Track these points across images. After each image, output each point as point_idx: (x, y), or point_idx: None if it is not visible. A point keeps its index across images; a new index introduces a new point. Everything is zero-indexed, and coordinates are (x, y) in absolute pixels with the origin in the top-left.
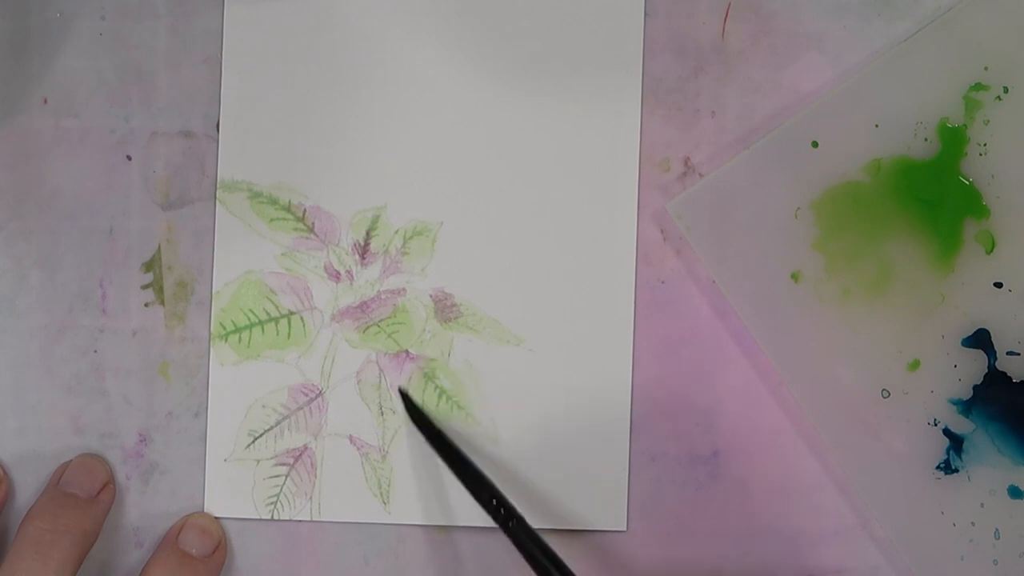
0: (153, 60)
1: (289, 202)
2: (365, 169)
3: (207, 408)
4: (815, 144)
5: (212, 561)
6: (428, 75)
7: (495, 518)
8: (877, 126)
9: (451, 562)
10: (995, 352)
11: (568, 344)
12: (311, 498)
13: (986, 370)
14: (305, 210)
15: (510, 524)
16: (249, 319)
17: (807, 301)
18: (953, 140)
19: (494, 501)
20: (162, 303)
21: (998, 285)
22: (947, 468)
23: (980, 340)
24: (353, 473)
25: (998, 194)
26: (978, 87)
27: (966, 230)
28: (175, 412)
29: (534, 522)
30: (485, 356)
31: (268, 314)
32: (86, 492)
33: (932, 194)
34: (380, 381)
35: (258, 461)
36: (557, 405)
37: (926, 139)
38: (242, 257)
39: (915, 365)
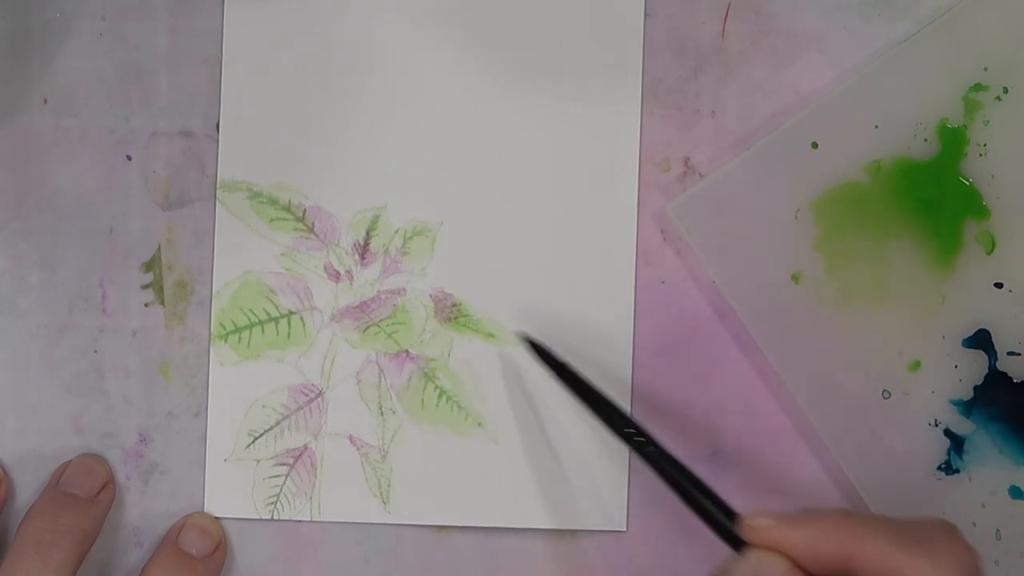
0: (153, 60)
1: (289, 202)
2: (365, 169)
3: (207, 408)
4: (815, 145)
5: (212, 561)
6: (428, 75)
7: (631, 444)
8: (877, 127)
9: (451, 562)
10: (996, 352)
11: (568, 344)
12: (311, 498)
13: (987, 370)
14: (305, 210)
15: (648, 450)
16: (249, 319)
17: (807, 302)
18: (953, 140)
19: (629, 428)
20: (162, 303)
21: (998, 285)
22: (948, 469)
23: (981, 340)
24: (353, 473)
25: (998, 194)
26: (978, 87)
27: (966, 230)
28: (175, 412)
29: (534, 522)
30: (485, 356)
31: (268, 314)
32: (86, 492)
33: (932, 195)
34: (380, 381)
35: (258, 461)
36: (557, 405)
37: (926, 140)
38: (242, 257)
39: (916, 366)
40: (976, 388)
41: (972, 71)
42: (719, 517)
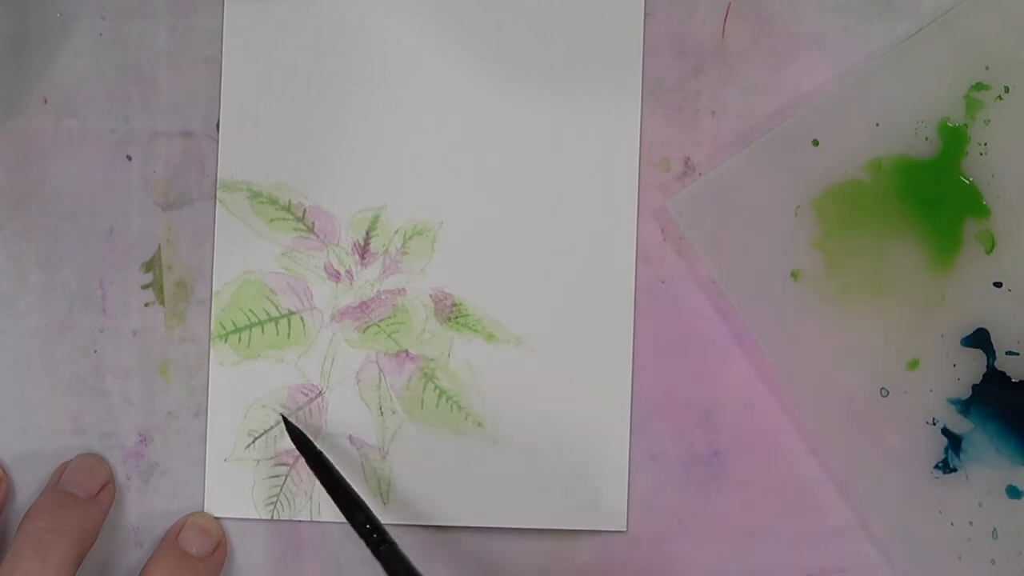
0: (153, 60)
1: (289, 202)
2: (365, 169)
3: (207, 408)
4: (815, 142)
5: (212, 561)
6: (428, 75)
7: (367, 541)
8: (878, 125)
9: (451, 562)
10: (994, 352)
11: (568, 344)
12: (311, 498)
13: (985, 370)
14: (305, 210)
15: (381, 548)
16: (249, 319)
17: (807, 300)
18: (954, 139)
19: (368, 525)
20: (162, 303)
21: (998, 285)
22: (945, 467)
23: (979, 340)
24: (353, 473)
25: (998, 194)
26: (979, 87)
27: (966, 230)
28: (175, 412)
29: (534, 522)
30: (485, 356)
31: (268, 314)
32: (86, 492)
33: (932, 193)
34: (380, 381)
35: (258, 461)
36: (557, 405)
37: (927, 138)
38: (242, 257)
39: (914, 364)
40: (974, 387)
41: (973, 70)
42: None
